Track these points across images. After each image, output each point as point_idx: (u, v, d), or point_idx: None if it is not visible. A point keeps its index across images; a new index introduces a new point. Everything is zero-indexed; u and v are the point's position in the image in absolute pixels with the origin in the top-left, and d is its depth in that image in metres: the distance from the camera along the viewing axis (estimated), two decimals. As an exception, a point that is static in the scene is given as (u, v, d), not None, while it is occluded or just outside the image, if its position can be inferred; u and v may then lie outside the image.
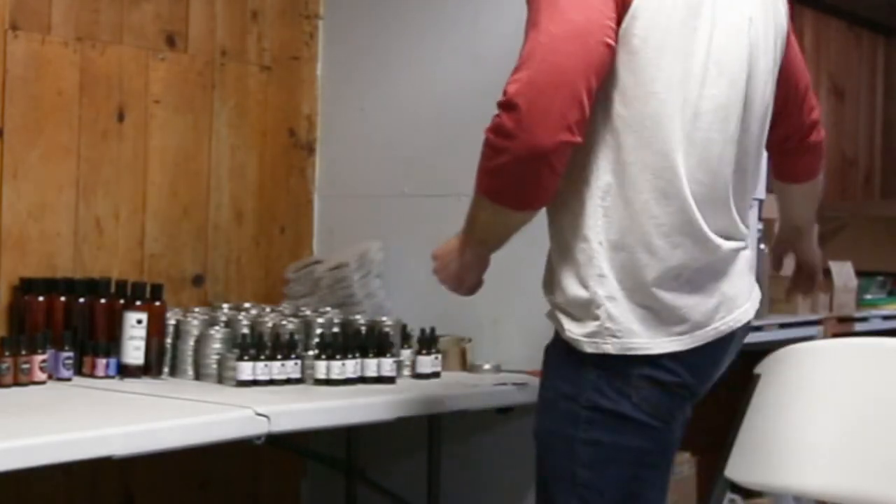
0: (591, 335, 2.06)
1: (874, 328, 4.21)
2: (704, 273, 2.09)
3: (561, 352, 2.13)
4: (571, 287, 2.08)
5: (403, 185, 3.32)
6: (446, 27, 3.26)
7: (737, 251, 2.15)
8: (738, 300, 2.16)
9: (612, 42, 1.97)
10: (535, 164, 1.95)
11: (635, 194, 2.03)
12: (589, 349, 2.06)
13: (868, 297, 4.41)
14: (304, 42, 3.49)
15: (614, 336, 2.04)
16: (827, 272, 4.10)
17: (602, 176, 2.04)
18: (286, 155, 3.45)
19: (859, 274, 4.26)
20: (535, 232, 2.76)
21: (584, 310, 2.06)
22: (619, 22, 1.98)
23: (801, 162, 2.50)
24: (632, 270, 2.04)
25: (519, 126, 1.92)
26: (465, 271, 2.24)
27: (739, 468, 2.38)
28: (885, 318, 4.36)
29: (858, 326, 4.14)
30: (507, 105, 1.94)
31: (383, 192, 3.35)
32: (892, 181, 6.55)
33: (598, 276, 2.04)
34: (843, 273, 4.13)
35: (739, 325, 2.16)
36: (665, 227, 2.04)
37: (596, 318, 2.05)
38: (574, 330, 2.08)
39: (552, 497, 2.15)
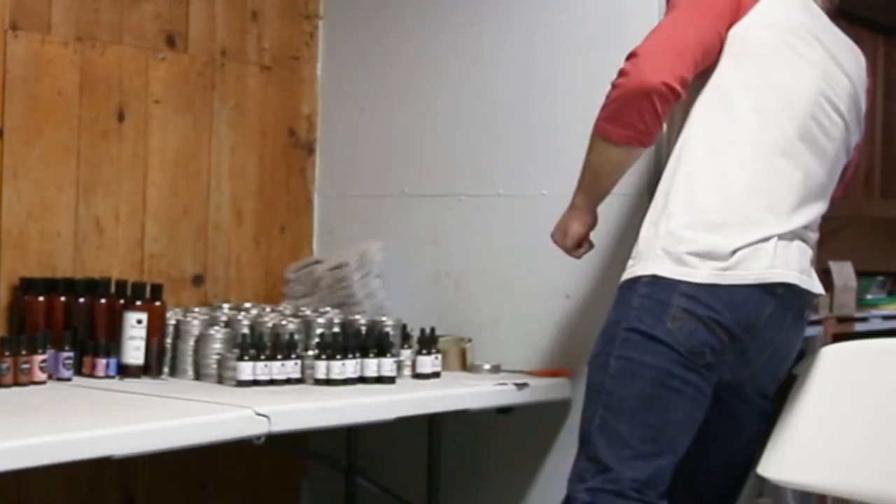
0: (644, 260, 2.39)
1: (874, 328, 4.20)
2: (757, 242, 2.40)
3: (619, 293, 2.45)
4: (644, 228, 2.45)
5: (403, 185, 3.32)
6: (446, 27, 3.26)
7: (791, 239, 2.44)
8: (789, 263, 2.41)
9: (722, 34, 2.44)
10: (639, 100, 2.38)
11: (718, 172, 2.41)
12: (639, 272, 2.39)
13: (868, 297, 4.40)
14: (304, 42, 3.49)
15: (664, 262, 2.36)
16: (827, 272, 4.10)
17: (695, 157, 2.43)
18: (286, 155, 3.45)
19: (859, 274, 4.25)
20: (535, 234, 2.77)
21: (647, 243, 2.41)
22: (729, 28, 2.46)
23: None
24: (697, 213, 2.39)
25: (634, 67, 2.39)
26: (570, 219, 2.63)
27: (772, 465, 2.38)
28: (885, 318, 4.35)
29: (858, 326, 4.13)
30: (629, 55, 2.41)
31: (383, 192, 3.35)
32: (892, 181, 6.55)
33: (668, 216, 2.39)
34: (843, 273, 4.13)
35: (782, 279, 2.39)
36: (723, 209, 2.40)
37: (653, 248, 2.39)
38: (633, 264, 2.43)
39: (587, 407, 2.43)
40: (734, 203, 2.39)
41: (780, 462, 2.39)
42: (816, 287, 2.49)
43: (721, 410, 2.44)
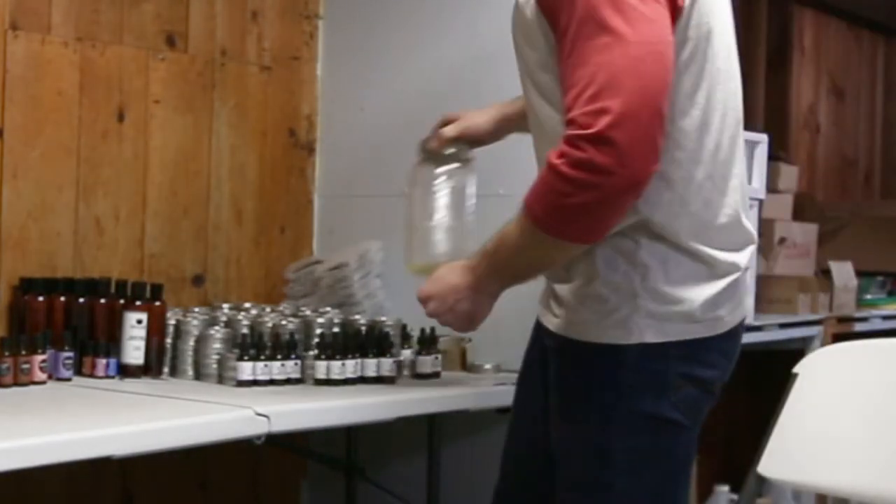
0: (625, 324, 2.00)
1: (874, 328, 4.21)
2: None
3: (592, 360, 2.04)
4: (613, 274, 2.02)
5: (403, 185, 3.31)
6: (446, 27, 3.26)
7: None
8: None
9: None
10: (627, 198, 1.85)
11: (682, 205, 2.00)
12: (622, 340, 1.98)
13: (868, 297, 4.41)
14: (304, 42, 3.49)
15: (652, 326, 1.99)
16: (827, 272, 4.10)
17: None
18: (286, 155, 3.45)
19: (859, 274, 4.26)
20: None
21: (624, 301, 2.00)
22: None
23: None
24: (675, 264, 2.00)
25: (618, 162, 1.79)
26: (480, 309, 2.13)
27: (773, 465, 2.38)
28: (885, 318, 4.36)
29: (858, 326, 4.14)
30: (598, 140, 1.79)
31: (383, 192, 3.34)
32: (892, 181, 6.56)
33: (642, 267, 1.99)
34: (843, 273, 4.13)
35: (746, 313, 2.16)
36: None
37: (635, 310, 1.99)
38: (598, 320, 2.02)
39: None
40: (703, 239, 1.99)
41: (780, 462, 2.39)
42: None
43: None
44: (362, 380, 2.76)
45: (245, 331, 2.78)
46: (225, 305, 3.06)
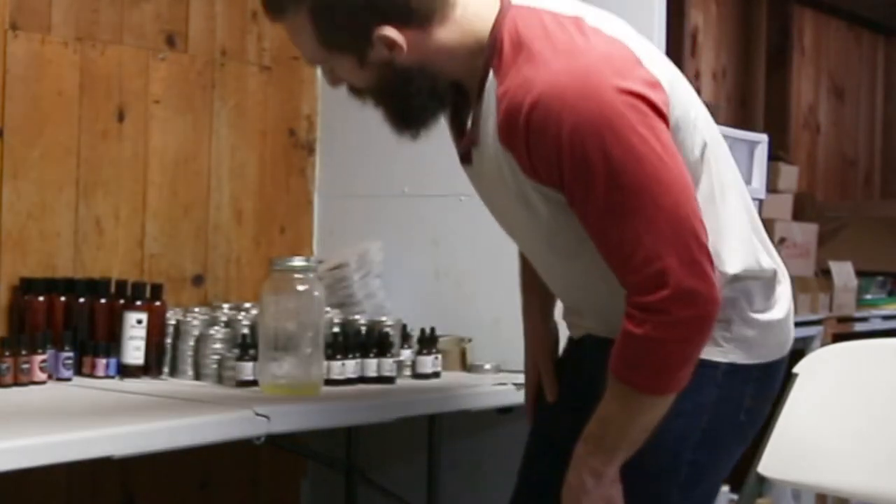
0: (721, 342, 2.01)
1: (874, 328, 4.22)
2: None
3: None
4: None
5: (403, 185, 3.31)
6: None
7: None
8: None
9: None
10: (712, 324, 1.87)
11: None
12: (717, 357, 2.00)
13: (868, 297, 4.41)
14: (304, 42, 3.48)
15: (740, 349, 2.02)
16: (827, 272, 4.11)
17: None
18: (286, 155, 3.45)
19: (859, 274, 4.26)
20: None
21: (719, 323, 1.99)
22: None
23: None
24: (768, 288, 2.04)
25: (701, 304, 1.82)
26: (618, 493, 1.97)
27: (773, 465, 2.38)
28: (885, 318, 4.36)
29: (858, 326, 4.14)
30: (678, 297, 1.81)
31: (383, 192, 3.34)
32: (892, 181, 6.56)
33: (745, 293, 2.01)
34: (843, 273, 4.13)
35: None
36: None
37: (729, 331, 2.01)
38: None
39: None
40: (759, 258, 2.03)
41: (780, 462, 2.39)
42: None
43: None
44: (362, 380, 2.76)
45: (245, 331, 2.78)
46: (225, 305, 3.05)
